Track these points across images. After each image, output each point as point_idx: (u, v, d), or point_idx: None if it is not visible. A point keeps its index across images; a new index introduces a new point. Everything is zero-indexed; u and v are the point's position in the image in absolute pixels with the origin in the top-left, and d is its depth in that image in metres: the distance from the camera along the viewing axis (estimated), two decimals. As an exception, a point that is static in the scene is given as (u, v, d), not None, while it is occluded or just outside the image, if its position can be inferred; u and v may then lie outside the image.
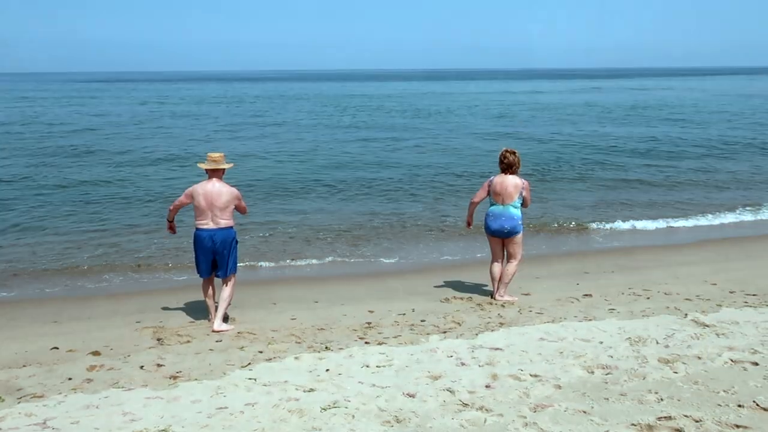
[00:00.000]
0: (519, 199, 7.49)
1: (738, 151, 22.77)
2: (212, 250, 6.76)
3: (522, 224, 7.58)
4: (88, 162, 20.20)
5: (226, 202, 6.70)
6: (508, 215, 7.49)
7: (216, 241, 6.72)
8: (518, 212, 7.53)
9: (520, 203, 7.54)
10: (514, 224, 7.49)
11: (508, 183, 7.49)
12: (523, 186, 7.49)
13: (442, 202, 14.47)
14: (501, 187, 7.50)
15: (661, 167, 19.35)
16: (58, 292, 8.65)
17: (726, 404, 4.26)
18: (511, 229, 7.51)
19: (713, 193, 15.95)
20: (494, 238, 7.71)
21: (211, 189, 6.68)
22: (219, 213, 6.70)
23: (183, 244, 11.05)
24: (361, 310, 7.34)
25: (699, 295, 7.54)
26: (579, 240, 11.54)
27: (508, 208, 7.49)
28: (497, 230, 7.56)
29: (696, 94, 62.04)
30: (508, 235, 7.56)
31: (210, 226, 6.72)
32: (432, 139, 26.50)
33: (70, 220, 12.77)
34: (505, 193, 7.48)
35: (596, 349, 5.47)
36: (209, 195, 6.66)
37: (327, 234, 11.66)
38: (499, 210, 7.53)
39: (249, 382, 4.95)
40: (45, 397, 4.85)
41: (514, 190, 7.46)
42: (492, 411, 4.27)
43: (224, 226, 6.75)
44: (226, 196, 6.70)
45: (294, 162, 20.47)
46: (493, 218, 7.56)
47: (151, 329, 6.76)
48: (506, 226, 7.50)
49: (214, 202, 6.66)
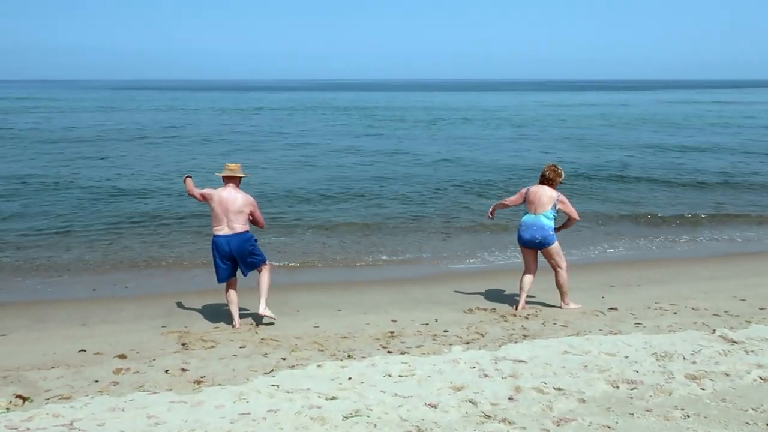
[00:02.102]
0: (552, 210, 7.49)
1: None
2: (230, 254, 6.96)
3: (555, 235, 7.56)
4: (113, 166, 20.55)
5: (240, 206, 6.88)
6: (540, 225, 7.48)
7: (232, 246, 6.92)
8: (550, 223, 7.52)
9: (554, 215, 7.53)
10: (545, 234, 7.48)
11: (543, 193, 7.53)
12: (558, 199, 7.49)
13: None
14: (535, 196, 7.55)
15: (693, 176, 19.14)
16: (86, 294, 8.78)
17: (754, 423, 4.18)
18: (542, 240, 7.49)
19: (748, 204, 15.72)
20: (527, 249, 7.71)
21: (226, 196, 6.89)
22: (234, 218, 6.87)
23: (208, 246, 11.18)
24: (384, 319, 7.35)
25: (727, 310, 7.41)
26: (604, 252, 11.40)
27: (539, 217, 7.49)
28: (529, 240, 7.57)
29: (737, 107, 60.66)
30: (540, 245, 7.54)
31: (226, 231, 6.91)
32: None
33: (100, 221, 12.99)
34: (538, 203, 7.50)
35: (621, 363, 5.40)
36: (224, 201, 6.87)
37: (352, 239, 11.70)
38: (531, 220, 7.54)
39: (272, 389, 4.97)
40: (72, 398, 4.93)
41: (547, 201, 7.48)
42: (515, 424, 4.24)
43: (240, 231, 6.92)
44: (240, 201, 6.89)
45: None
46: (525, 228, 7.58)
47: (176, 334, 6.84)
48: (537, 236, 7.49)
49: (228, 207, 6.86)
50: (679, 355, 5.55)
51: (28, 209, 14.05)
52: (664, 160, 23.08)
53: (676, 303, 7.80)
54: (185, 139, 29.78)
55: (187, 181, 7.29)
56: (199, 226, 12.78)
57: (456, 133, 33.80)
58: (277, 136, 32.27)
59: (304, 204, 15.15)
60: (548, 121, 41.86)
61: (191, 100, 75.11)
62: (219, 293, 8.27)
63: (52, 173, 18.90)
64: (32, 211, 13.92)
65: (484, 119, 44.07)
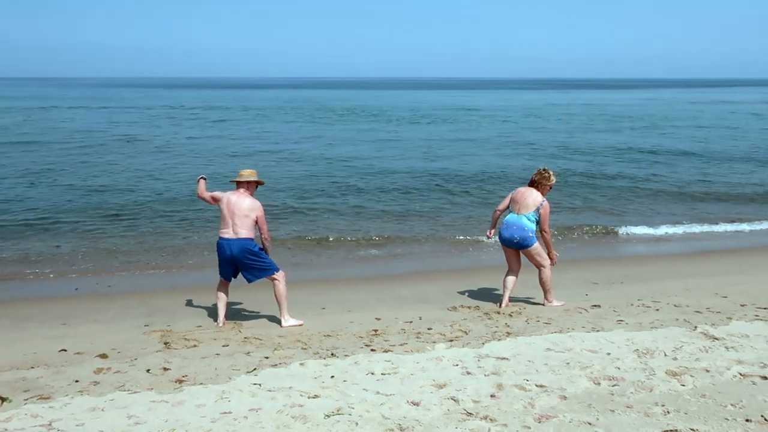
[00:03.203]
0: (535, 213, 7.50)
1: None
2: (231, 258, 6.90)
3: (535, 236, 7.56)
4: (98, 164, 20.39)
5: (246, 210, 6.83)
6: (520, 225, 7.50)
7: (233, 250, 6.86)
8: (532, 225, 7.53)
9: (537, 218, 7.54)
10: (524, 235, 7.49)
11: (529, 195, 7.56)
12: (542, 204, 7.50)
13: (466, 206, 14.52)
14: (521, 196, 7.59)
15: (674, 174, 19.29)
16: (68, 293, 8.71)
17: (734, 418, 4.21)
18: (520, 240, 7.51)
19: (731, 204, 15.86)
20: (507, 249, 7.73)
21: (235, 199, 6.88)
22: (239, 222, 6.83)
23: (192, 246, 11.13)
24: (368, 317, 7.34)
25: (709, 307, 7.47)
26: (589, 249, 11.46)
27: (521, 218, 7.51)
28: (508, 239, 7.59)
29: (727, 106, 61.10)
30: (519, 246, 7.56)
31: (230, 235, 6.87)
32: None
33: (80, 220, 12.88)
34: (522, 203, 7.54)
35: (603, 360, 5.42)
36: (232, 204, 6.86)
37: (336, 237, 11.68)
38: (513, 219, 7.57)
39: (254, 388, 4.94)
40: (51, 398, 4.87)
41: (532, 203, 7.51)
42: (496, 421, 4.24)
43: (243, 237, 6.85)
44: (247, 205, 6.85)
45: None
46: (506, 227, 7.60)
47: (158, 333, 6.80)
48: (516, 236, 7.51)
49: (235, 211, 6.83)
50: (661, 352, 5.58)
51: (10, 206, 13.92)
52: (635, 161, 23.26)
53: (658, 300, 7.86)
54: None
55: (200, 183, 7.24)
56: (186, 225, 12.73)
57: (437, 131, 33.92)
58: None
59: (288, 199, 15.12)
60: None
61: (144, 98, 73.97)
62: (203, 292, 8.25)
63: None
64: (14, 207, 13.79)
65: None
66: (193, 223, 12.82)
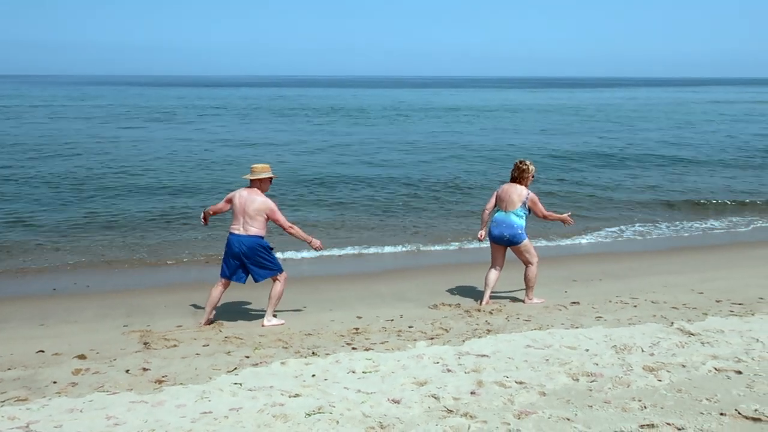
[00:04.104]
0: (522, 208, 7.56)
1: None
2: (239, 255, 6.91)
3: (524, 233, 7.62)
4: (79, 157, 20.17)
5: (255, 210, 6.82)
6: (509, 223, 7.56)
7: (242, 247, 6.87)
8: (520, 221, 7.59)
9: (525, 213, 7.59)
10: (513, 232, 7.55)
11: (513, 191, 7.60)
12: (528, 197, 7.55)
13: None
14: (506, 193, 7.63)
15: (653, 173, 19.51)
16: (46, 293, 8.61)
17: (708, 412, 4.28)
18: (510, 237, 7.57)
19: (704, 200, 16.08)
20: (495, 245, 7.78)
21: (246, 196, 6.89)
22: (249, 220, 6.84)
23: (172, 244, 11.06)
24: (350, 315, 7.35)
25: (686, 303, 7.58)
26: (567, 247, 11.57)
27: (509, 215, 7.57)
28: (497, 237, 7.65)
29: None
30: (509, 243, 7.62)
31: (240, 231, 6.89)
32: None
33: (60, 216, 12.75)
34: (508, 200, 7.59)
35: (582, 356, 5.49)
36: (243, 201, 6.87)
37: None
38: (501, 217, 7.62)
39: (234, 387, 4.93)
40: (29, 400, 4.82)
41: (517, 198, 7.55)
42: (476, 417, 4.28)
43: (252, 234, 6.86)
44: (257, 204, 6.84)
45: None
46: (495, 225, 7.66)
47: (138, 333, 6.75)
48: (506, 233, 7.57)
49: (245, 208, 6.85)
50: (638, 348, 5.66)
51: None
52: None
53: (636, 296, 7.95)
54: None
55: (207, 212, 7.25)
56: (164, 224, 12.64)
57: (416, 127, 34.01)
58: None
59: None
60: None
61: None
62: (183, 291, 8.22)
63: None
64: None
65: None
66: (172, 221, 12.74)
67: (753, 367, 5.10)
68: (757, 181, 18.83)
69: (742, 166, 21.76)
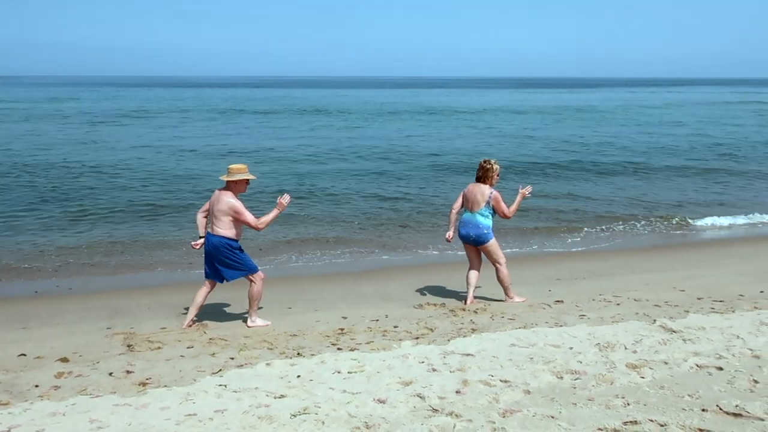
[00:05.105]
0: (487, 208, 7.58)
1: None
2: (208, 253, 6.97)
3: (490, 233, 7.64)
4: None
5: (220, 210, 6.84)
6: (474, 223, 7.60)
7: (209, 245, 6.92)
8: (486, 221, 7.61)
9: (490, 213, 7.62)
10: (479, 232, 7.58)
11: (477, 191, 7.62)
12: (491, 196, 7.56)
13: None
14: (471, 194, 7.67)
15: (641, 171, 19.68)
16: (27, 296, 8.51)
17: (690, 409, 4.33)
18: (476, 237, 7.60)
19: (691, 198, 16.23)
20: (466, 245, 7.83)
21: (217, 196, 6.91)
22: (216, 221, 6.89)
23: (155, 245, 10.99)
24: (335, 316, 7.34)
25: (668, 301, 7.66)
26: (552, 245, 11.64)
27: (475, 215, 7.61)
28: (465, 236, 7.72)
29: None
30: (475, 242, 7.66)
31: (211, 231, 6.95)
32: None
33: (40, 219, 12.60)
34: (473, 201, 7.62)
35: (566, 354, 5.53)
36: (214, 201, 6.93)
37: (300, 237, 11.65)
38: (468, 217, 7.67)
39: (219, 389, 4.92)
40: (10, 404, 4.77)
41: (480, 198, 7.58)
42: (461, 416, 4.30)
43: (218, 234, 6.87)
44: (222, 205, 6.83)
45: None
46: (462, 225, 7.72)
47: (121, 335, 6.69)
48: (471, 233, 7.62)
49: (213, 208, 6.90)
50: (621, 345, 5.71)
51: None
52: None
53: (619, 294, 8.02)
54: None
55: (200, 238, 7.13)
56: (148, 224, 12.56)
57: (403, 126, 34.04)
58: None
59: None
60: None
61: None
62: (166, 293, 8.16)
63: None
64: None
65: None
66: (156, 222, 12.66)
67: (734, 363, 5.18)
68: (734, 183, 19.00)
69: (708, 170, 21.84)
